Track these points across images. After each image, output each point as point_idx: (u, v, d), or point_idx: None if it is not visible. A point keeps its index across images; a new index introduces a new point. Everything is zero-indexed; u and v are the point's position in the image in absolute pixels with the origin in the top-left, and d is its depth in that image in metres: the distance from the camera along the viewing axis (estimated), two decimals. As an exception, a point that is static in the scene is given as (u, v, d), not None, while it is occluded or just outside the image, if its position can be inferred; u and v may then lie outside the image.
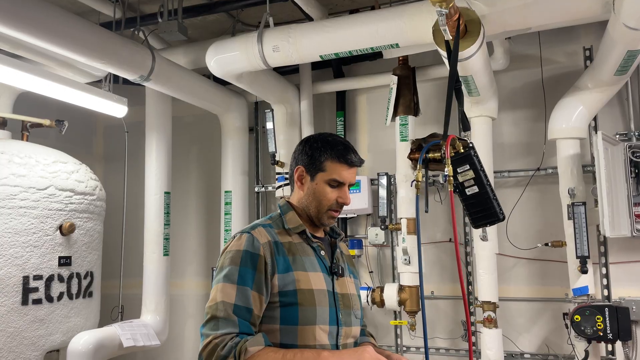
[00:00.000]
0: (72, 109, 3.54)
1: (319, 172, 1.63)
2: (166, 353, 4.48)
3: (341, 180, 1.63)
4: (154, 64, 3.21)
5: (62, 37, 2.68)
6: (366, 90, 4.17)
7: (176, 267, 4.42)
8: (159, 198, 3.95)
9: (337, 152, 1.63)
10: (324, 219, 1.65)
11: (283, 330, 1.50)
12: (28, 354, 3.11)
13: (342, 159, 1.62)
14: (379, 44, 2.90)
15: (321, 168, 1.62)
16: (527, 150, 3.72)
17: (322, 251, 1.65)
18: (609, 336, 2.95)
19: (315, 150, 1.64)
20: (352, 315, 1.65)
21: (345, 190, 1.65)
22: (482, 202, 1.92)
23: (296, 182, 1.68)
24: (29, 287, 3.12)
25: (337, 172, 1.62)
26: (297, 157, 1.69)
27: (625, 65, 2.78)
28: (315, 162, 1.63)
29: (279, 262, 1.53)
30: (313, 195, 1.64)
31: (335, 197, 1.63)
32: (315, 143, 1.65)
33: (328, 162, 1.62)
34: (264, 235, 1.56)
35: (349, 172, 1.64)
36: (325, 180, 1.62)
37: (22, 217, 3.13)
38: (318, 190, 1.63)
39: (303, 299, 1.51)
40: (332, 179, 1.62)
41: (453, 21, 2.27)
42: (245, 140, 4.19)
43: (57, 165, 3.38)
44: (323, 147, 1.64)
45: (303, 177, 1.66)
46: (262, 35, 3.10)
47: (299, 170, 1.66)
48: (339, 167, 1.62)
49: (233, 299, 1.46)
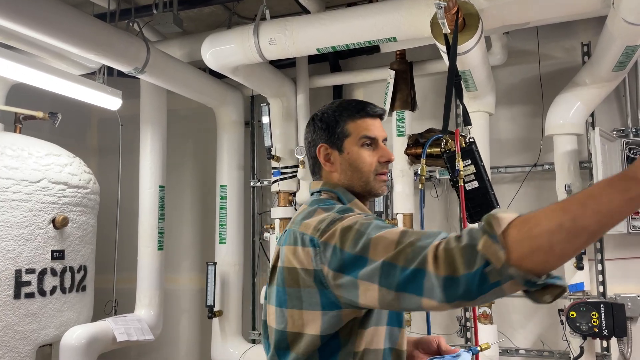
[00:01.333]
0: (65, 101, 3.51)
1: (345, 139, 1.40)
2: (160, 348, 4.47)
3: (372, 135, 1.41)
4: (149, 56, 3.18)
5: (56, 28, 2.65)
6: (363, 85, 4.15)
7: (170, 262, 4.39)
8: (154, 192, 3.92)
9: (353, 108, 1.43)
10: (376, 187, 1.41)
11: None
12: (20, 348, 3.08)
13: (362, 112, 1.42)
14: (376, 37, 2.88)
15: (344, 133, 1.40)
16: (524, 146, 3.71)
17: None
18: (604, 332, 2.95)
19: (329, 119, 1.43)
20: None
21: (382, 146, 1.43)
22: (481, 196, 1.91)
23: (324, 165, 1.43)
24: (22, 280, 3.09)
25: (364, 127, 1.41)
26: (312, 139, 1.46)
27: (624, 61, 2.77)
28: (334, 131, 1.42)
29: None
30: (350, 166, 1.40)
31: (376, 158, 1.41)
32: (325, 114, 1.46)
33: (349, 122, 1.41)
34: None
35: (374, 124, 1.42)
36: (356, 143, 1.40)
37: (15, 210, 3.10)
38: (353, 158, 1.40)
39: None
40: (362, 135, 1.40)
41: (451, 14, 2.26)
42: (241, 134, 4.16)
43: (50, 158, 3.35)
44: (336, 111, 1.44)
45: (330, 155, 1.42)
46: (259, 27, 3.07)
47: (321, 149, 1.42)
48: (362, 122, 1.41)
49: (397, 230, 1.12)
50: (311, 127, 1.48)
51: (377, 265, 1.07)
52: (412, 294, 1.04)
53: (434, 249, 1.01)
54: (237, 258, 4.02)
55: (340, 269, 1.14)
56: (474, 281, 0.96)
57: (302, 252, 1.22)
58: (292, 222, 1.35)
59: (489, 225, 0.96)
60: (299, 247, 1.24)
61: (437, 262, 0.99)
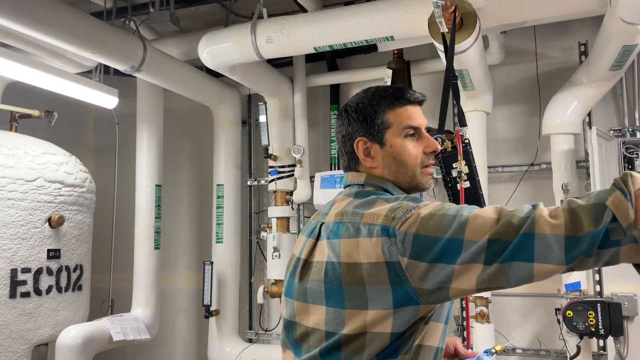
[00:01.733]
0: (62, 99, 3.49)
1: (386, 130, 1.27)
2: (157, 347, 4.46)
3: (416, 124, 1.28)
4: (145, 55, 3.17)
5: (52, 26, 2.63)
6: (360, 84, 4.13)
7: (167, 261, 4.38)
8: (150, 191, 3.91)
9: (391, 95, 1.29)
10: (423, 181, 1.30)
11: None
12: (16, 348, 3.07)
13: (402, 100, 1.28)
14: (373, 36, 2.87)
15: (385, 124, 1.27)
16: (521, 145, 3.71)
17: None
18: (601, 332, 2.95)
19: (366, 110, 1.29)
20: None
21: (426, 135, 1.30)
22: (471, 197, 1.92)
23: (363, 161, 1.29)
24: (17, 280, 3.08)
25: (406, 116, 1.28)
26: (347, 133, 1.31)
27: (621, 61, 2.77)
28: (373, 122, 1.28)
29: None
30: (393, 161, 1.27)
31: (421, 149, 1.28)
32: (360, 104, 1.30)
33: (389, 112, 1.28)
34: None
35: (416, 112, 1.29)
36: (398, 134, 1.27)
37: (10, 209, 3.08)
38: (397, 151, 1.27)
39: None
40: (406, 125, 1.27)
41: (449, 13, 2.25)
42: (238, 133, 4.15)
43: (46, 156, 3.34)
44: (372, 101, 1.29)
45: (369, 148, 1.28)
46: (256, 26, 3.06)
47: (359, 143, 1.29)
48: (403, 111, 1.28)
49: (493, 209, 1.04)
50: (345, 120, 1.33)
51: (480, 244, 0.99)
52: (522, 261, 0.96)
53: (546, 211, 0.95)
54: (234, 257, 4.01)
55: (428, 257, 1.04)
56: (598, 237, 0.91)
57: (369, 244, 1.10)
58: (342, 214, 1.20)
59: (624, 182, 0.91)
60: (365, 238, 1.11)
61: (556, 222, 0.94)
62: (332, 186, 3.83)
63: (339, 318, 1.12)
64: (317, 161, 4.16)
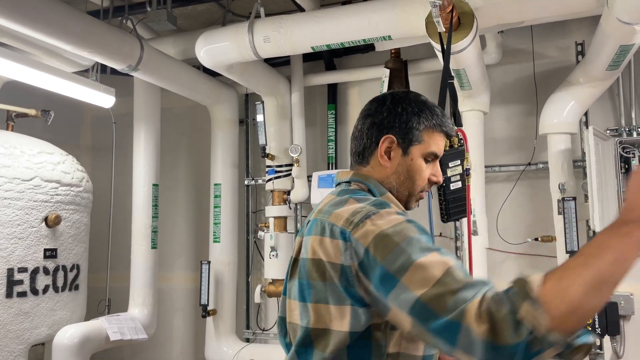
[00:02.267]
0: (58, 98, 3.48)
1: (415, 144, 1.29)
2: (154, 347, 4.45)
3: (439, 153, 1.33)
4: (143, 54, 3.16)
5: (48, 24, 2.62)
6: (358, 83, 4.14)
7: (164, 260, 4.38)
8: (147, 190, 3.90)
9: (438, 119, 1.31)
10: (412, 203, 1.34)
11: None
12: (13, 347, 3.06)
13: (444, 128, 1.31)
14: (371, 35, 2.88)
15: (419, 139, 1.29)
16: (518, 145, 3.72)
17: None
18: (598, 331, 2.96)
19: (411, 115, 1.29)
20: None
21: (438, 166, 1.35)
22: (460, 197, 1.93)
23: (380, 157, 1.29)
24: (14, 279, 3.07)
25: (437, 144, 1.31)
26: (380, 122, 1.30)
27: (618, 60, 2.78)
28: (411, 131, 1.28)
29: None
30: (407, 174, 1.29)
31: (429, 174, 1.32)
32: (410, 106, 1.30)
33: (427, 131, 1.29)
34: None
35: (443, 143, 1.34)
36: (422, 155, 1.29)
37: (7, 209, 3.08)
38: (414, 168, 1.29)
39: None
40: (432, 152, 1.30)
41: (446, 13, 2.26)
42: (235, 132, 4.15)
43: (42, 156, 3.33)
44: (421, 111, 1.30)
45: (392, 150, 1.29)
46: (253, 25, 3.06)
47: (387, 140, 1.28)
48: (438, 138, 1.31)
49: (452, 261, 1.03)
50: (385, 108, 1.31)
51: (411, 298, 1.00)
52: (445, 342, 0.97)
53: (476, 307, 0.94)
54: (232, 257, 4.01)
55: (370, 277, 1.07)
56: (518, 351, 0.91)
57: (330, 244, 1.13)
58: (319, 211, 1.23)
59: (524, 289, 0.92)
60: (327, 238, 1.14)
61: (479, 323, 0.93)
62: (330, 185, 3.83)
63: (307, 312, 1.16)
64: (315, 161, 4.15)
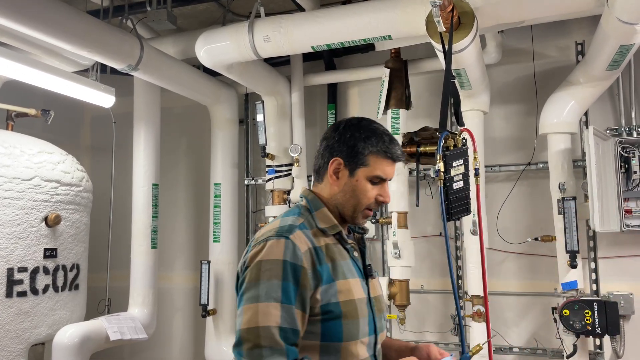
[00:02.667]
0: (58, 98, 3.48)
1: (361, 167, 1.44)
2: (153, 347, 4.45)
3: (385, 177, 1.46)
4: (143, 53, 3.16)
5: (49, 24, 2.62)
6: (358, 83, 4.14)
7: (164, 260, 4.38)
8: (147, 190, 3.90)
9: (384, 145, 1.44)
10: (359, 219, 1.49)
11: (324, 347, 1.35)
12: (13, 347, 3.06)
13: (388, 154, 1.45)
14: (371, 35, 2.87)
15: (364, 162, 1.44)
16: (518, 144, 3.72)
17: (355, 252, 1.50)
18: (598, 330, 2.96)
19: (358, 141, 1.44)
20: (383, 318, 1.52)
21: (386, 187, 1.48)
22: (463, 196, 1.93)
23: (330, 176, 1.47)
24: (14, 279, 3.07)
25: (381, 169, 1.45)
26: (332, 146, 1.47)
27: (618, 60, 2.78)
28: (357, 155, 1.44)
29: (322, 273, 1.35)
30: (352, 192, 1.45)
31: (375, 194, 1.46)
32: (358, 132, 1.45)
33: (372, 156, 1.44)
34: (303, 241, 1.36)
35: (392, 167, 1.48)
36: (367, 177, 1.44)
37: (7, 208, 3.07)
38: (359, 188, 1.45)
39: (347, 311, 1.35)
40: (376, 175, 1.45)
41: (447, 12, 2.26)
42: (235, 132, 4.15)
43: (42, 155, 3.32)
44: (367, 138, 1.44)
45: (339, 171, 1.46)
46: (253, 25, 3.05)
47: (335, 163, 1.45)
48: (384, 162, 1.45)
49: (278, 320, 1.26)
50: (337, 134, 1.48)
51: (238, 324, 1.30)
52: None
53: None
54: (231, 256, 4.00)
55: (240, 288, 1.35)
56: None
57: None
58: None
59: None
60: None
61: None
62: (330, 185, 3.83)
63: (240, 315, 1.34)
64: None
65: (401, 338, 3.81)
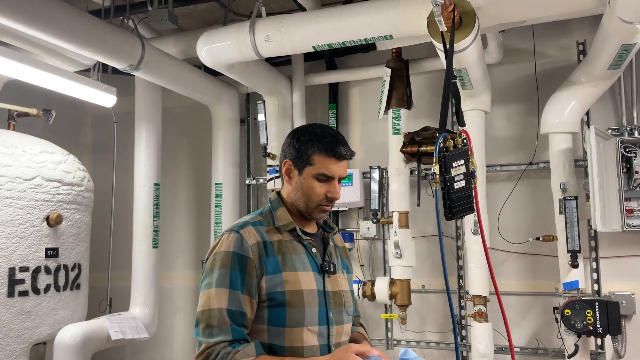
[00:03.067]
0: (60, 98, 3.48)
1: (307, 166, 1.58)
2: (155, 346, 4.45)
3: (330, 174, 1.58)
4: (144, 53, 3.16)
5: (50, 24, 2.62)
6: (359, 83, 4.14)
7: (165, 260, 4.38)
8: (149, 189, 3.90)
9: (326, 145, 1.57)
10: (315, 214, 1.62)
11: (270, 331, 1.49)
12: (14, 347, 3.06)
13: (330, 152, 1.57)
14: (372, 35, 2.87)
15: (309, 162, 1.57)
16: (520, 144, 3.72)
17: (313, 249, 1.61)
18: (599, 330, 2.96)
19: (302, 143, 1.59)
20: (344, 312, 1.62)
21: (334, 184, 1.60)
22: (465, 195, 1.94)
23: (284, 176, 1.64)
24: (15, 278, 3.07)
25: (325, 167, 1.57)
26: (285, 150, 1.64)
27: (619, 60, 2.77)
28: (302, 155, 1.58)
29: (268, 264, 1.50)
30: (301, 190, 1.59)
31: (325, 191, 1.58)
32: (303, 136, 1.60)
33: (316, 155, 1.57)
34: (253, 235, 1.52)
35: (338, 165, 1.58)
36: (313, 175, 1.57)
37: (8, 208, 3.08)
38: (306, 185, 1.58)
39: (291, 300, 1.49)
40: (321, 173, 1.57)
41: (448, 12, 2.25)
42: (236, 131, 4.15)
43: (44, 155, 3.33)
44: (311, 140, 1.58)
45: (291, 171, 1.62)
46: (254, 25, 3.06)
47: (286, 164, 1.62)
48: (327, 160, 1.57)
49: (226, 303, 1.44)
50: (287, 140, 1.65)
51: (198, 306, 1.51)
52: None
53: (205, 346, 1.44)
54: (233, 256, 4.00)
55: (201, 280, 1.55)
56: None
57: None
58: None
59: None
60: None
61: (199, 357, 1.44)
62: (331, 185, 3.83)
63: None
64: (316, 160, 4.15)
65: (402, 338, 3.82)
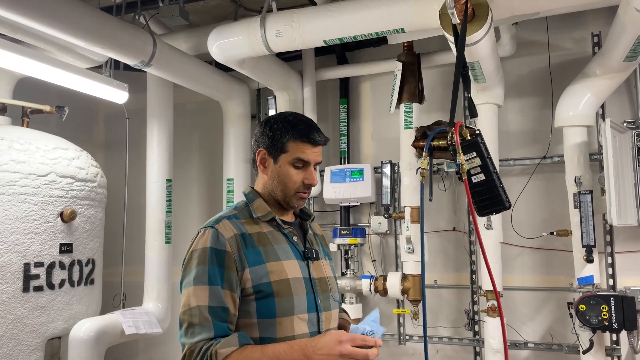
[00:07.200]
0: (72, 95, 3.51)
1: (282, 154, 1.57)
2: (168, 340, 4.48)
3: (306, 159, 1.57)
4: (155, 49, 3.17)
5: (62, 20, 2.64)
6: (370, 77, 4.12)
7: (178, 255, 4.38)
8: (161, 185, 3.92)
9: (299, 131, 1.57)
10: (293, 202, 1.60)
11: (261, 324, 1.47)
12: (30, 341, 3.10)
13: (305, 138, 1.57)
14: (384, 28, 2.85)
15: (283, 149, 1.57)
16: (533, 138, 3.68)
17: (294, 237, 1.61)
18: (614, 326, 2.93)
19: (275, 131, 1.58)
20: (330, 298, 1.62)
21: (311, 170, 1.60)
22: (489, 190, 1.89)
23: (259, 166, 1.62)
24: (30, 274, 3.11)
25: (300, 151, 1.56)
26: (257, 139, 1.62)
27: (635, 51, 2.73)
28: (277, 143, 1.57)
29: (249, 256, 1.48)
30: (278, 178, 1.58)
31: (302, 178, 1.58)
32: (276, 124, 1.59)
33: (290, 142, 1.56)
34: (229, 228, 1.50)
35: (313, 151, 1.58)
36: (289, 162, 1.57)
37: (23, 204, 3.11)
38: (282, 173, 1.57)
39: (279, 289, 1.47)
40: (296, 158, 1.56)
41: (461, 4, 2.23)
42: (247, 127, 4.15)
43: (57, 151, 3.35)
44: (284, 127, 1.57)
45: (266, 160, 1.60)
46: (265, 20, 3.05)
47: (260, 153, 1.60)
48: (302, 146, 1.56)
49: (206, 300, 1.42)
50: (260, 129, 1.62)
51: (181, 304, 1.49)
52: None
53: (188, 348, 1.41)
54: (244, 251, 4.01)
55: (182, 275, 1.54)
56: None
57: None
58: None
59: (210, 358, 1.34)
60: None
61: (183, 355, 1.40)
62: (342, 180, 3.82)
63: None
64: (327, 155, 4.14)
65: (415, 333, 3.81)
